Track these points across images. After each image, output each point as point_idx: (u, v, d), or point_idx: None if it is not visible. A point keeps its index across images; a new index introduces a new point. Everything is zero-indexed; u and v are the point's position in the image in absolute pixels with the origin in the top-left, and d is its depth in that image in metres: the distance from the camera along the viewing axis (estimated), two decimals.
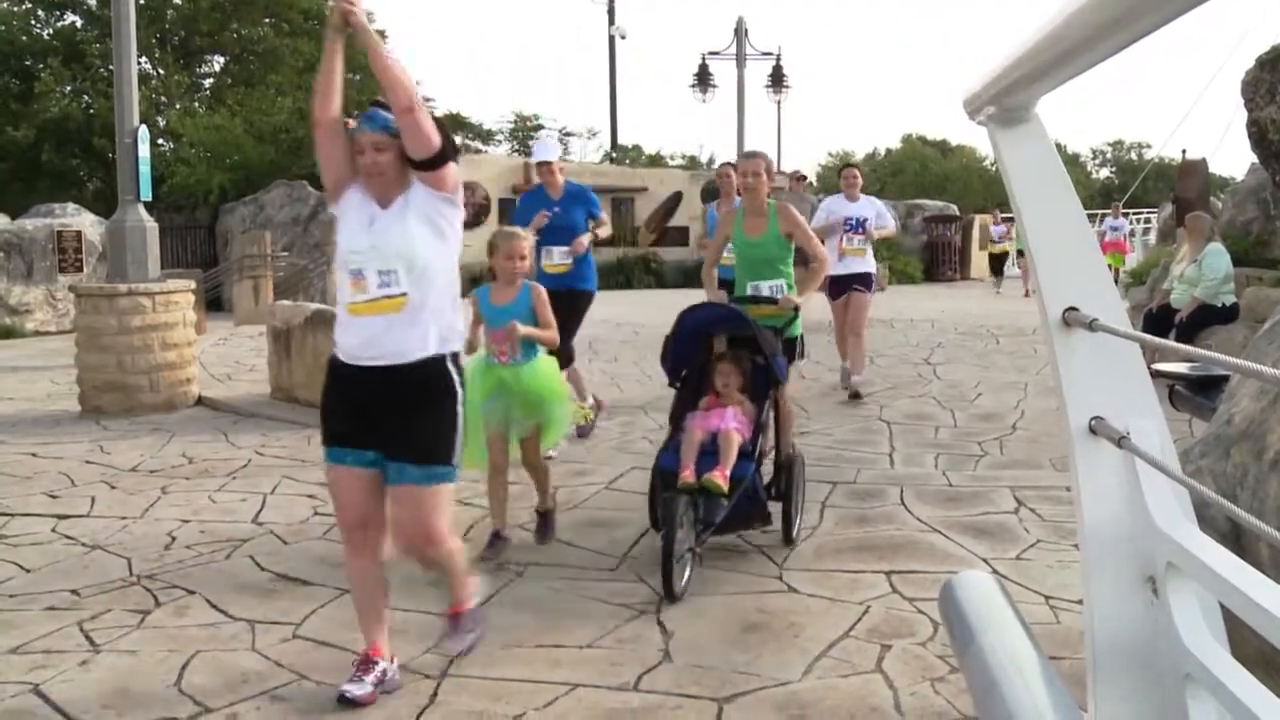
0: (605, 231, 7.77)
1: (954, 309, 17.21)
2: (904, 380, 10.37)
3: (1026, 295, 19.13)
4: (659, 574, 4.51)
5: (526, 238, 5.13)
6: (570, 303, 7.08)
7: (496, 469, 5.12)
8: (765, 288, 5.97)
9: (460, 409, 3.69)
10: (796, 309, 5.72)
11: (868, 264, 9.71)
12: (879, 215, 9.86)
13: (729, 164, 8.72)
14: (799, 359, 5.97)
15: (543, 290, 5.07)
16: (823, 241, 9.44)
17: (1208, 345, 8.94)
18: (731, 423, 4.98)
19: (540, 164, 7.53)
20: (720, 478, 4.75)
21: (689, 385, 5.37)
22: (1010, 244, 23.31)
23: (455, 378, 3.70)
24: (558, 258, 7.32)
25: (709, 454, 4.88)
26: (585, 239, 7.37)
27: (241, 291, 17.75)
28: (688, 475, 4.75)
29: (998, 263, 23.22)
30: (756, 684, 3.76)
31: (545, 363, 5.12)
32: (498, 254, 5.00)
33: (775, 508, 5.26)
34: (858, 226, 9.59)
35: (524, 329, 4.87)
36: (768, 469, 5.40)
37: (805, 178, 17.90)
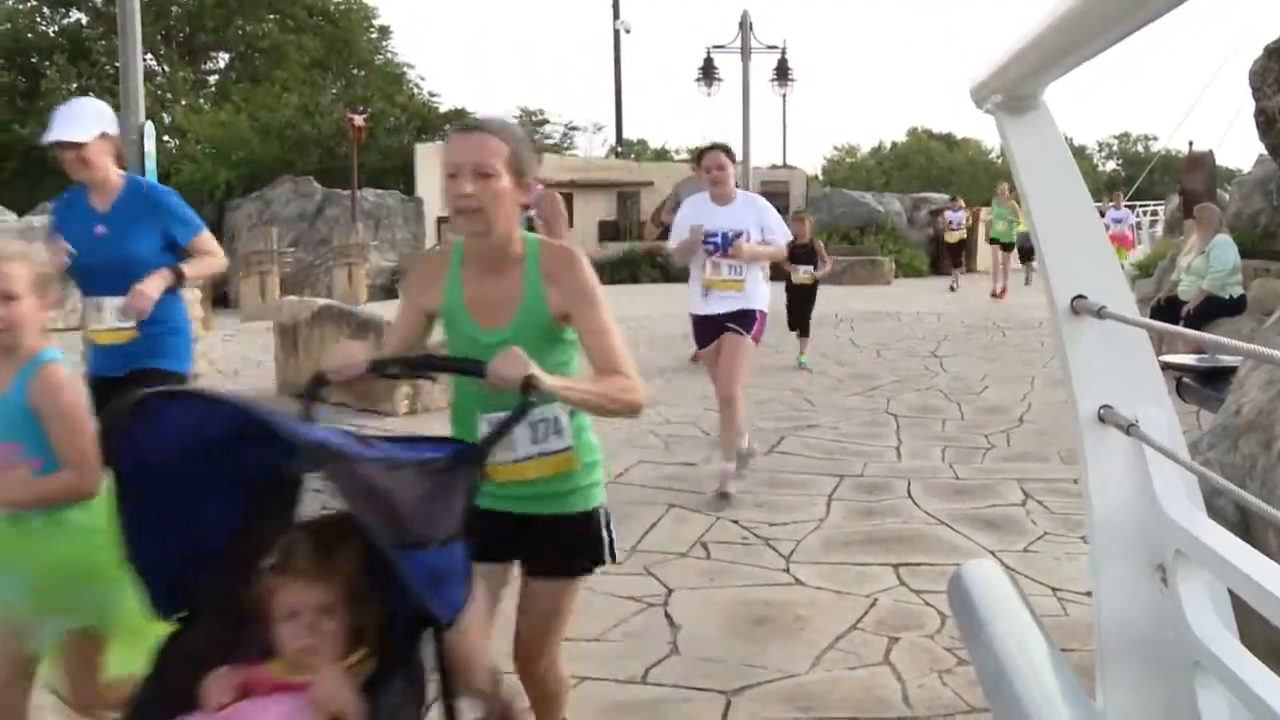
0: (206, 269, 4.29)
1: (960, 302, 17.17)
2: (910, 373, 10.36)
3: (998, 295, 17.31)
4: (667, 567, 4.48)
5: (26, 258, 2.68)
6: None
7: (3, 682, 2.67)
8: (524, 443, 2.51)
9: None
10: (529, 387, 2.21)
11: (750, 298, 6.00)
12: (763, 226, 6.06)
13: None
14: (603, 561, 2.69)
15: (57, 373, 2.62)
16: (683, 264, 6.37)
17: None
18: None
19: (60, 146, 4.04)
20: None
21: (210, 620, 2.08)
22: (961, 232, 20.31)
23: None
24: (111, 316, 4.00)
25: None
26: (155, 284, 3.98)
27: (248, 287, 17.77)
28: None
29: (955, 253, 20.63)
30: (764, 677, 3.76)
31: (77, 521, 2.60)
32: None
33: None
34: (724, 245, 5.93)
35: (16, 491, 2.55)
36: None
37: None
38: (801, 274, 10.86)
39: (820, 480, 6.34)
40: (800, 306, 10.96)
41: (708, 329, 6.11)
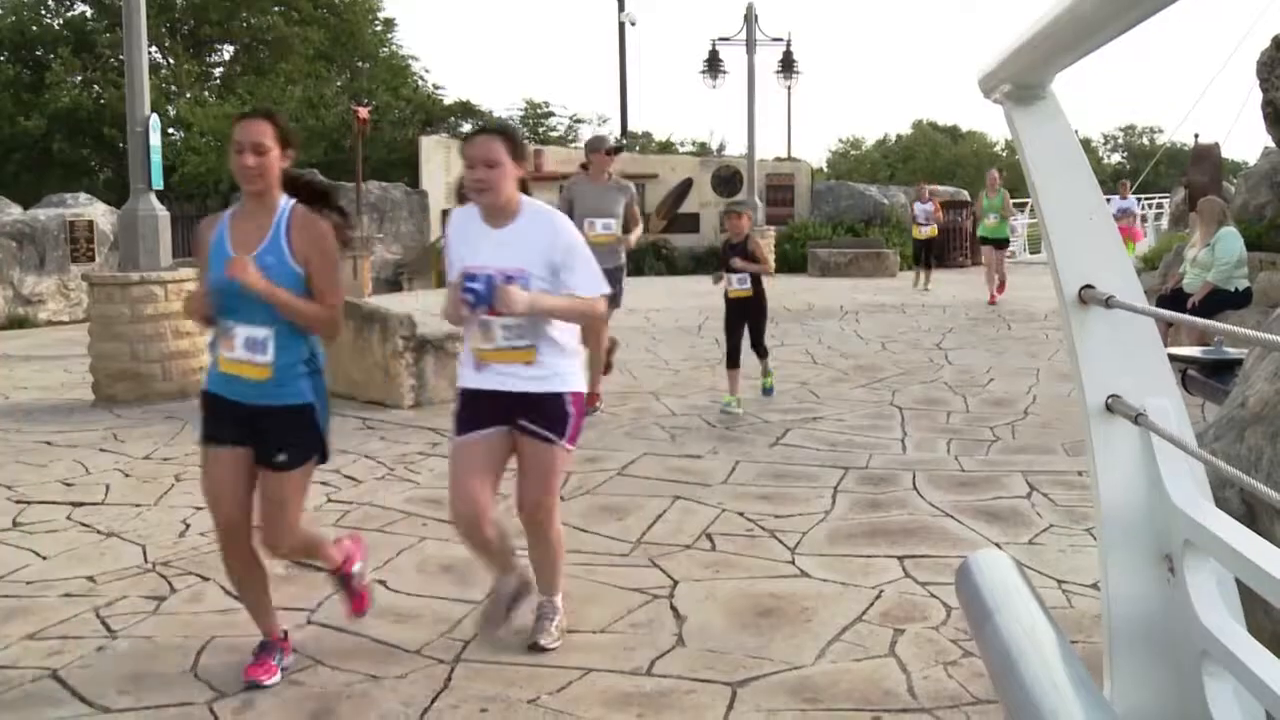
0: None
1: (965, 294, 17.15)
2: (915, 366, 10.35)
3: (991, 300, 15.51)
4: (672, 559, 4.49)
5: None
6: None
7: None
8: None
9: None
10: None
11: (551, 375, 3.76)
12: (554, 266, 3.70)
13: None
14: None
15: None
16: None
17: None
18: None
19: None
20: None
21: None
22: (931, 228, 17.90)
23: None
24: None
25: None
26: None
27: None
28: None
29: (925, 251, 18.08)
30: (769, 668, 3.77)
31: None
32: None
33: None
34: (487, 295, 3.58)
35: None
36: None
37: (619, 149, 9.70)
38: (736, 285, 8.15)
39: (825, 472, 6.35)
40: (740, 325, 8.28)
41: (481, 410, 3.75)
